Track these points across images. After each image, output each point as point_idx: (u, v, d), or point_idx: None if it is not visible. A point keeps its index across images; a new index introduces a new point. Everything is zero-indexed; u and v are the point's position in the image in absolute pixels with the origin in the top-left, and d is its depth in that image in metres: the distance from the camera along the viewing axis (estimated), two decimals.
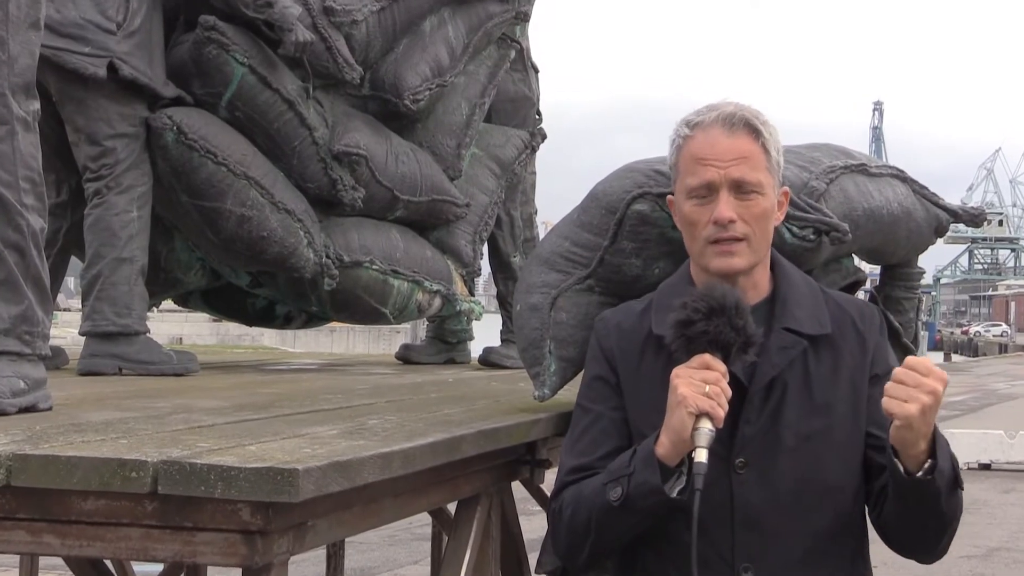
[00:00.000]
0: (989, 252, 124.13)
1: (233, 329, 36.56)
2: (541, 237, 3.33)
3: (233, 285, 4.52)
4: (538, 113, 5.28)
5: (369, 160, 4.25)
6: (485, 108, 4.83)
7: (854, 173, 2.70)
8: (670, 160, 2.23)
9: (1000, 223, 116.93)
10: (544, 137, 5.24)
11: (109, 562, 4.08)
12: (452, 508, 2.80)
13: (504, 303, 4.99)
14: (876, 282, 3.00)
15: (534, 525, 3.85)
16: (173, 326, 36.06)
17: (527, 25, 5.05)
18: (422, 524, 7.32)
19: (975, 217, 3.05)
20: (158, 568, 4.89)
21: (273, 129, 4.04)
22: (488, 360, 4.81)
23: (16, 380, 2.33)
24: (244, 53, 3.92)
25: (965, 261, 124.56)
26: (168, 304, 5.08)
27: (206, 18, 3.88)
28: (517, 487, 2.96)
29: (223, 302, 4.77)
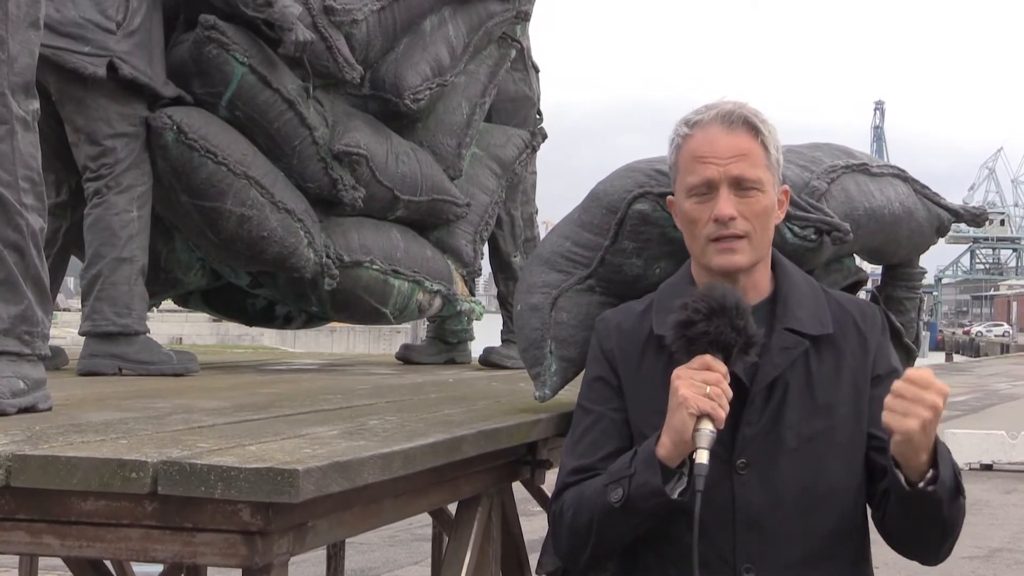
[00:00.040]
0: (991, 252, 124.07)
1: (233, 329, 36.59)
2: (542, 237, 3.33)
3: (233, 285, 4.52)
4: (539, 113, 5.28)
5: (369, 160, 4.25)
6: (486, 108, 4.82)
7: (855, 173, 2.69)
8: (669, 160, 2.23)
9: (1002, 223, 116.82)
10: (545, 137, 5.23)
11: (109, 563, 4.08)
12: (452, 509, 2.80)
13: (505, 303, 4.98)
14: (877, 282, 2.99)
15: (535, 526, 3.85)
16: (173, 326, 36.08)
17: (528, 24, 5.05)
18: (422, 525, 7.32)
19: (977, 217, 3.04)
20: (158, 569, 4.89)
21: (273, 129, 4.03)
22: (489, 360, 4.81)
23: (16, 380, 2.33)
24: (244, 52, 3.91)
25: (967, 261, 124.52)
26: (168, 304, 5.08)
27: (206, 17, 3.87)
28: (518, 488, 2.95)
29: (223, 302, 4.77)
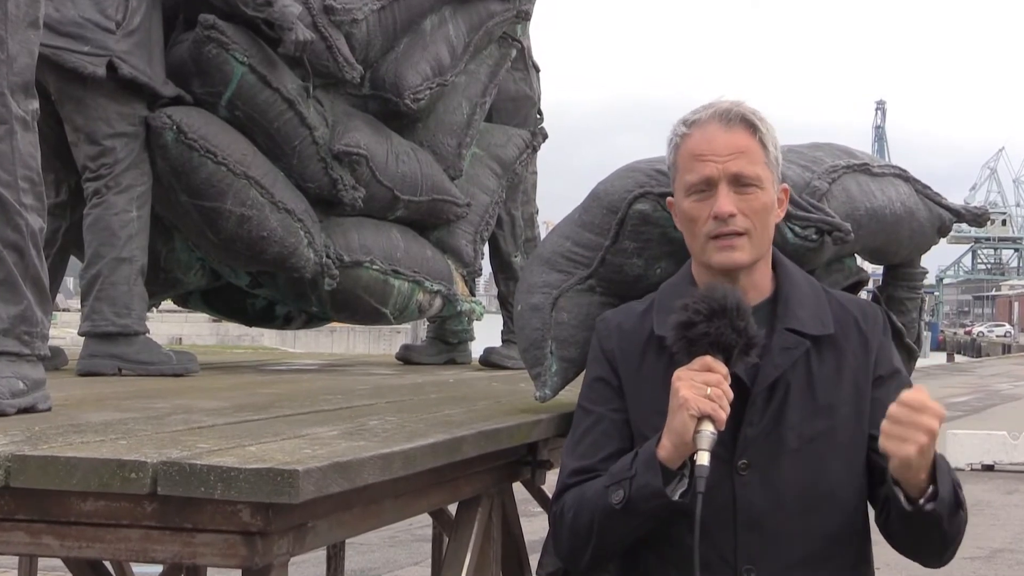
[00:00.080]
0: (992, 252, 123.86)
1: (233, 329, 36.60)
2: (542, 237, 3.32)
3: (233, 285, 4.51)
4: (539, 112, 5.28)
5: (369, 160, 4.24)
6: (486, 107, 4.82)
7: (856, 173, 2.69)
8: (668, 160, 2.23)
9: (1003, 223, 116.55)
10: (545, 136, 5.23)
11: (108, 563, 4.07)
12: (453, 509, 2.79)
13: (505, 303, 4.98)
14: (878, 282, 2.98)
15: (535, 526, 3.85)
16: (173, 326, 36.09)
17: (528, 24, 5.04)
18: (423, 525, 7.32)
19: (978, 217, 3.04)
20: (157, 569, 4.88)
21: (273, 128, 4.03)
22: (489, 360, 4.81)
23: (15, 381, 2.33)
24: (244, 52, 3.91)
25: (968, 261, 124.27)
26: (168, 304, 5.07)
27: (206, 17, 3.87)
28: (518, 488, 2.95)
29: (223, 302, 4.77)
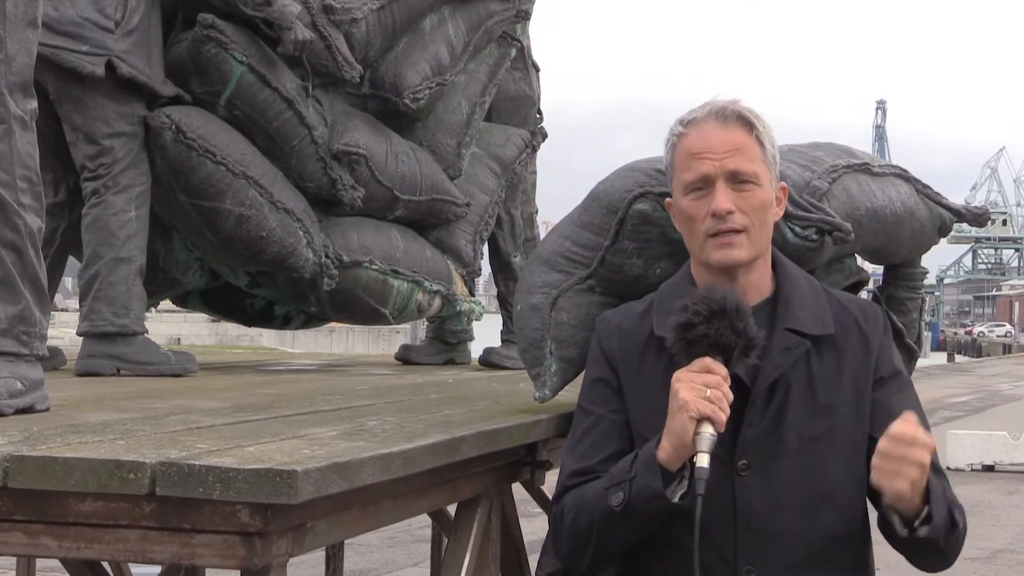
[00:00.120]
0: (993, 252, 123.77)
1: (232, 329, 36.61)
2: (542, 237, 3.32)
3: (232, 285, 4.51)
4: (539, 112, 5.27)
5: (369, 159, 4.24)
6: (485, 107, 4.81)
7: (857, 172, 2.68)
8: (666, 160, 2.23)
9: (1004, 223, 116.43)
10: (545, 136, 5.23)
11: (106, 564, 4.07)
12: (452, 510, 2.79)
13: (504, 303, 4.97)
14: (879, 282, 2.98)
15: (534, 527, 3.84)
16: (171, 326, 36.09)
17: (528, 23, 5.04)
18: (422, 526, 7.32)
19: (979, 217, 3.03)
20: (156, 570, 4.88)
21: (272, 128, 4.03)
22: (488, 361, 4.80)
23: (13, 381, 2.33)
24: (243, 51, 3.90)
25: (969, 261, 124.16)
26: (166, 304, 5.07)
27: (205, 16, 3.86)
28: (517, 489, 2.95)
29: (222, 302, 4.76)
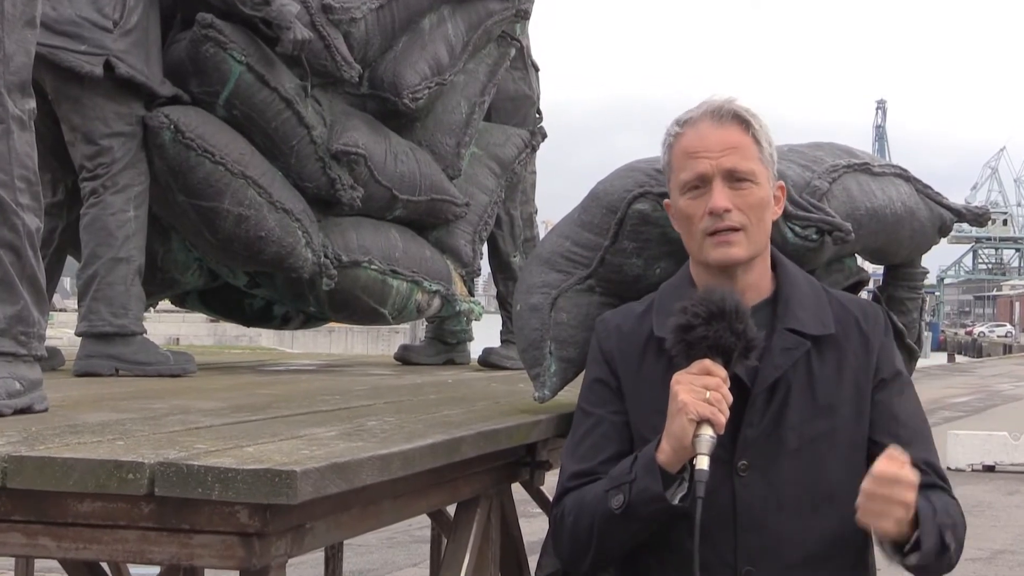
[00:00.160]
0: (993, 252, 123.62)
1: (231, 330, 36.59)
2: (541, 237, 3.31)
3: (231, 285, 4.50)
4: (538, 112, 5.27)
5: (368, 159, 4.23)
6: (485, 107, 4.81)
7: (857, 172, 2.68)
8: (663, 160, 2.23)
9: (1004, 222, 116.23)
10: (544, 136, 5.22)
11: (105, 565, 4.07)
12: (451, 510, 2.78)
13: (504, 303, 4.97)
14: (879, 282, 2.98)
15: (534, 527, 3.84)
16: (170, 326, 36.09)
17: (527, 23, 5.04)
18: (421, 526, 7.31)
19: (979, 216, 3.03)
20: (155, 571, 4.87)
21: (271, 128, 4.02)
22: (488, 361, 4.80)
23: (12, 381, 2.32)
24: (242, 51, 3.90)
25: (969, 261, 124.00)
26: (165, 304, 5.06)
27: (203, 16, 3.86)
28: (517, 489, 2.94)
29: (220, 302, 4.76)
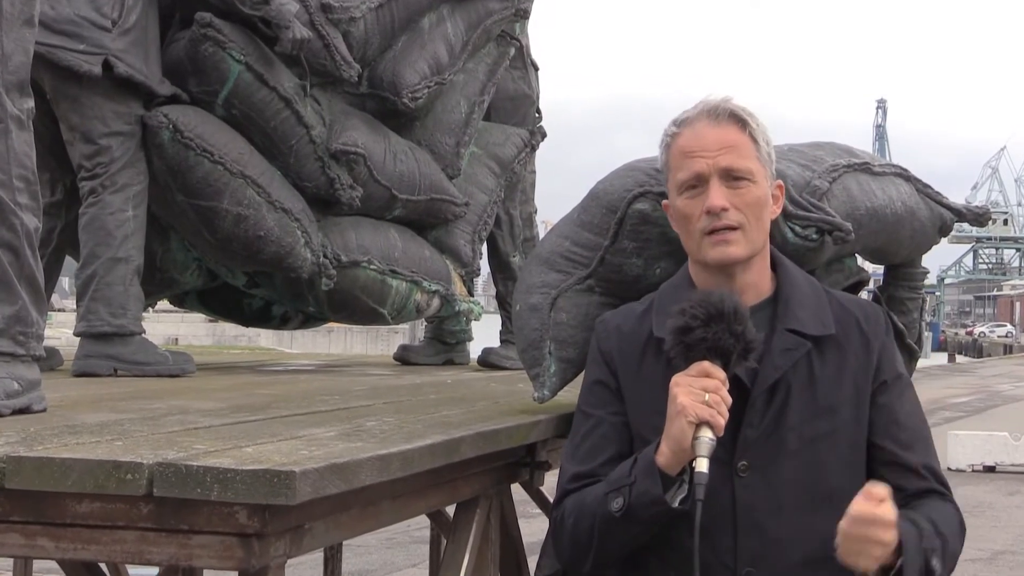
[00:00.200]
0: (994, 252, 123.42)
1: (229, 330, 36.56)
2: (541, 236, 3.31)
3: (229, 285, 4.50)
4: (538, 111, 5.27)
5: (367, 159, 4.23)
6: (484, 106, 4.81)
7: (857, 172, 2.67)
8: (661, 161, 2.23)
9: (1005, 222, 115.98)
10: (544, 135, 5.22)
11: (104, 565, 4.06)
12: (451, 511, 2.78)
13: (503, 303, 4.97)
14: (879, 282, 2.97)
15: (533, 528, 3.84)
16: (169, 326, 36.05)
17: (527, 22, 5.03)
18: (420, 527, 7.30)
19: (979, 216, 3.02)
20: (153, 571, 4.87)
21: (270, 127, 4.02)
22: (487, 361, 4.80)
23: (10, 381, 2.32)
24: (241, 50, 3.89)
25: (969, 261, 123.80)
26: (164, 304, 5.06)
27: (202, 15, 3.85)
28: (517, 489, 2.94)
29: (219, 302, 4.76)
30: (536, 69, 5.26)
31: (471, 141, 4.76)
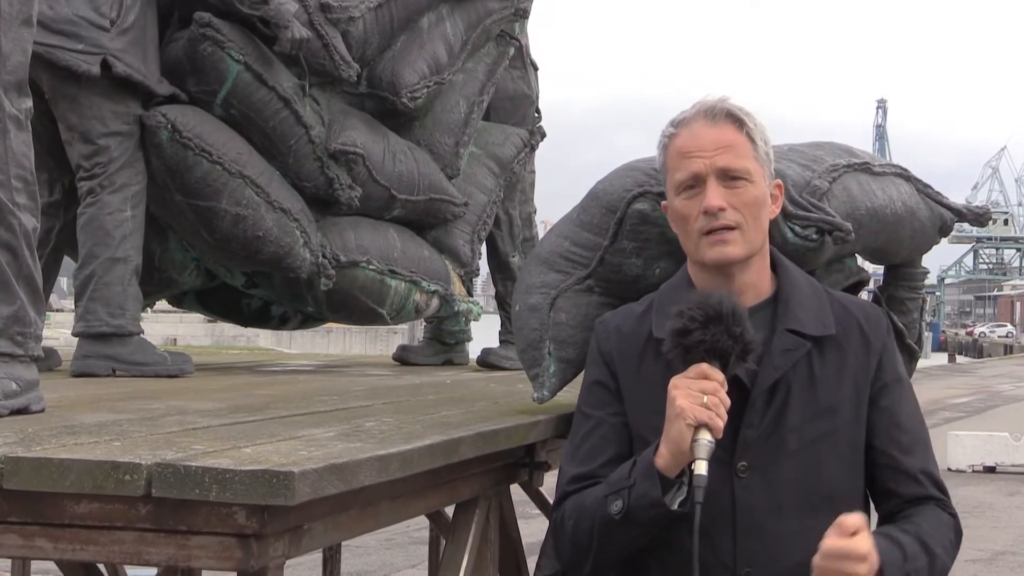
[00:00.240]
0: (994, 252, 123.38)
1: (228, 330, 36.56)
2: (540, 236, 3.30)
3: (228, 285, 4.50)
4: (537, 111, 5.27)
5: (366, 159, 4.23)
6: (484, 106, 4.81)
7: (857, 172, 2.67)
8: (659, 161, 2.23)
9: (1005, 222, 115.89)
10: (543, 135, 5.22)
11: (102, 566, 4.06)
12: (450, 511, 2.78)
13: (503, 303, 4.96)
14: (879, 282, 2.97)
15: (533, 528, 3.84)
16: (167, 327, 36.04)
17: (526, 22, 5.03)
18: (420, 527, 7.30)
19: (980, 216, 3.02)
20: (152, 572, 4.86)
21: (269, 127, 4.01)
22: (486, 361, 4.79)
23: (8, 382, 2.32)
24: (239, 50, 3.89)
25: (970, 261, 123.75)
26: (162, 305, 5.06)
27: (201, 15, 3.85)
28: (516, 490, 2.94)
29: (218, 302, 4.75)
30: (535, 69, 5.26)
31: (470, 141, 4.75)
